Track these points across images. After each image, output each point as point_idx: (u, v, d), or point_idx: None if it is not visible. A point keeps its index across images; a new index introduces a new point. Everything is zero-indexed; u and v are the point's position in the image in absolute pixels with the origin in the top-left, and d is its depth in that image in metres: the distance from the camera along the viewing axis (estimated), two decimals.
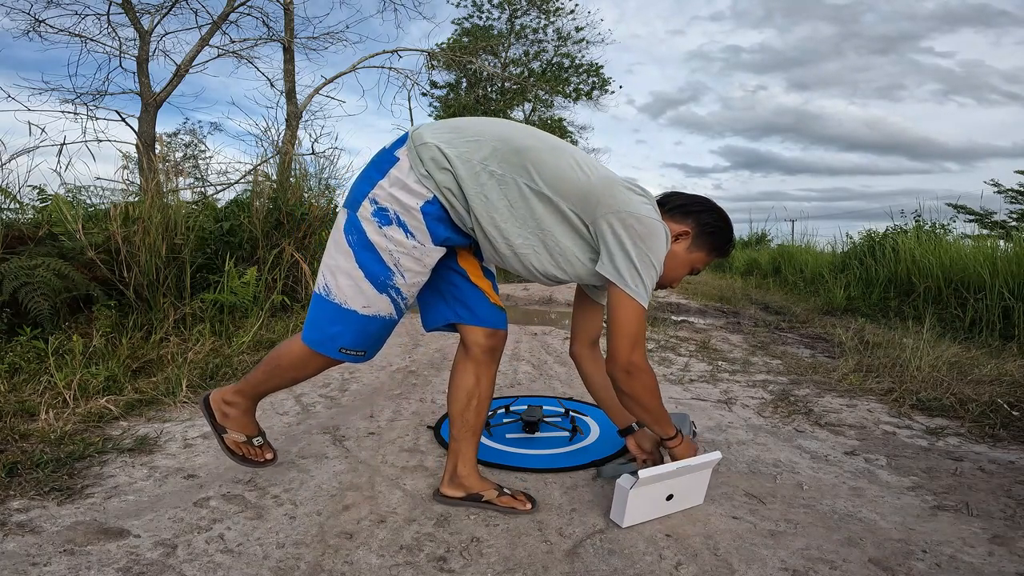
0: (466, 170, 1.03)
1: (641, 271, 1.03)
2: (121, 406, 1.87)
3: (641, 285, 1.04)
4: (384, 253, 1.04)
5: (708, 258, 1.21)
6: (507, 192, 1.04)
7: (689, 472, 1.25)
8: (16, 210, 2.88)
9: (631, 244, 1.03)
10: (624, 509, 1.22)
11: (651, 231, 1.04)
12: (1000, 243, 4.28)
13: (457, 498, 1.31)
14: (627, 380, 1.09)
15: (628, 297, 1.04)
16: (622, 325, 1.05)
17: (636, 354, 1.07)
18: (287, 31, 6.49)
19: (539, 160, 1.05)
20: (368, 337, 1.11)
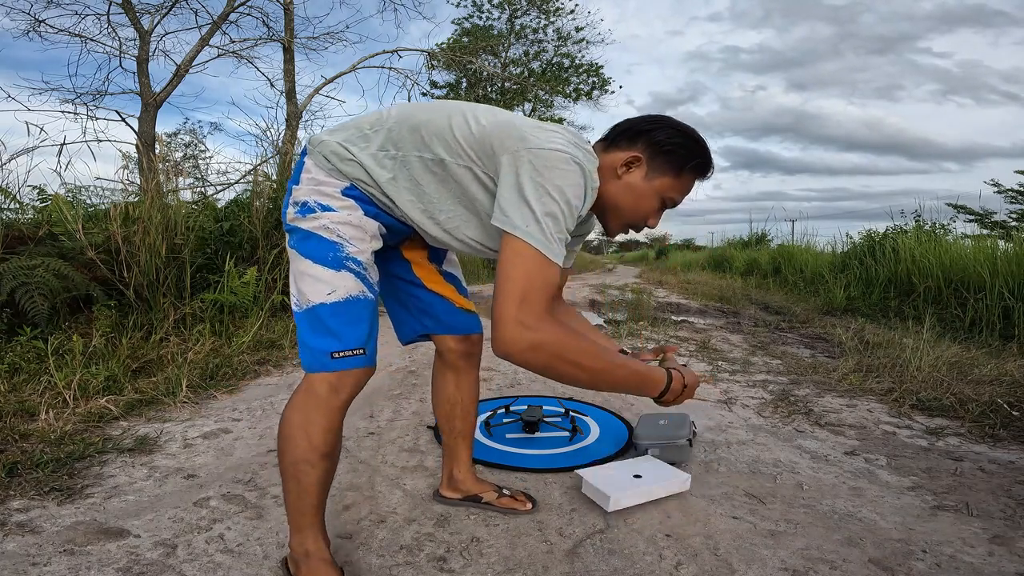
0: (371, 160, 0.96)
1: (536, 207, 0.80)
2: (121, 406, 1.87)
3: (534, 224, 0.80)
4: (323, 231, 0.94)
5: (678, 183, 0.96)
6: (412, 171, 0.95)
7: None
8: (16, 210, 2.88)
9: (526, 179, 0.82)
10: (596, 490, 1.32)
11: (554, 162, 0.83)
12: (1000, 243, 4.28)
13: (455, 499, 1.31)
14: (533, 354, 0.78)
15: (516, 240, 0.80)
16: (506, 279, 0.79)
17: (524, 312, 0.77)
18: (287, 31, 6.49)
19: (433, 128, 0.93)
20: (350, 326, 0.93)
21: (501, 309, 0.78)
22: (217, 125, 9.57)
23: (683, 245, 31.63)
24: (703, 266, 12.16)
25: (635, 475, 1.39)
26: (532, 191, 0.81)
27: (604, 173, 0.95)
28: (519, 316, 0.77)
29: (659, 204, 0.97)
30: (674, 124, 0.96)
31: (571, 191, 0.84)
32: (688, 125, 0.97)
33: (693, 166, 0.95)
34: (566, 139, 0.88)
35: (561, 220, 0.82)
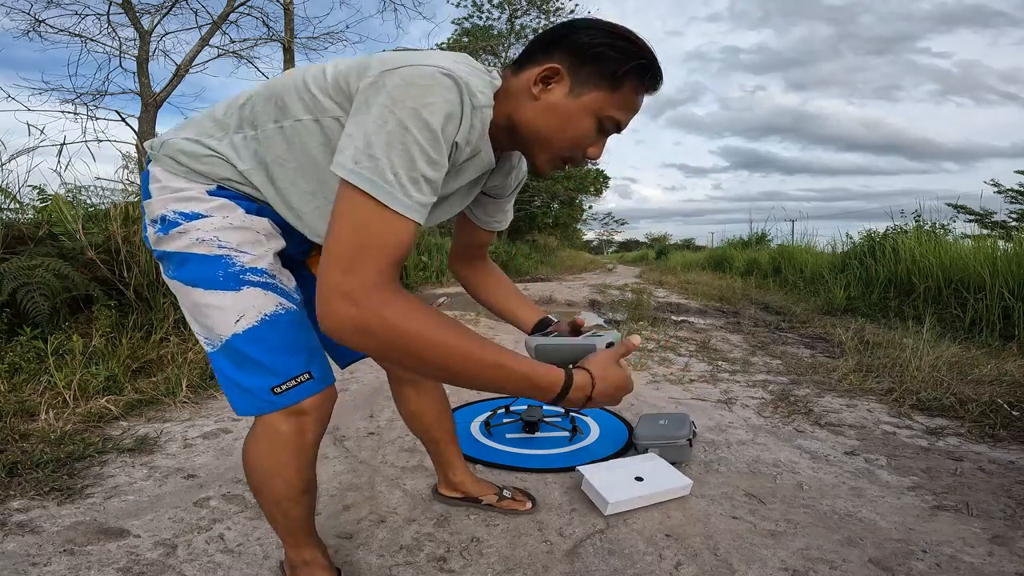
0: (231, 150, 0.78)
1: (375, 141, 0.59)
2: (121, 406, 1.87)
3: (367, 161, 0.59)
4: (199, 247, 0.75)
5: (616, 96, 0.73)
6: (274, 149, 0.76)
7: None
8: (16, 210, 2.88)
9: (373, 107, 0.62)
10: (596, 492, 1.31)
11: (411, 79, 0.62)
12: (1000, 243, 4.28)
13: (455, 498, 1.30)
14: (359, 338, 0.58)
15: (346, 186, 0.60)
16: (331, 238, 0.59)
17: (351, 281, 0.57)
18: (287, 31, 6.49)
19: (289, 89, 0.76)
20: (280, 352, 0.76)
21: (321, 276, 0.58)
22: None
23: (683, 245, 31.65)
24: (703, 266, 12.16)
25: (636, 476, 1.39)
26: (375, 120, 0.60)
27: (517, 98, 0.74)
28: (343, 286, 0.57)
29: (595, 125, 0.74)
30: (600, 24, 0.74)
31: (433, 113, 0.61)
32: (619, 25, 0.74)
33: (631, 71, 0.71)
34: (447, 57, 0.69)
35: (417, 155, 0.60)
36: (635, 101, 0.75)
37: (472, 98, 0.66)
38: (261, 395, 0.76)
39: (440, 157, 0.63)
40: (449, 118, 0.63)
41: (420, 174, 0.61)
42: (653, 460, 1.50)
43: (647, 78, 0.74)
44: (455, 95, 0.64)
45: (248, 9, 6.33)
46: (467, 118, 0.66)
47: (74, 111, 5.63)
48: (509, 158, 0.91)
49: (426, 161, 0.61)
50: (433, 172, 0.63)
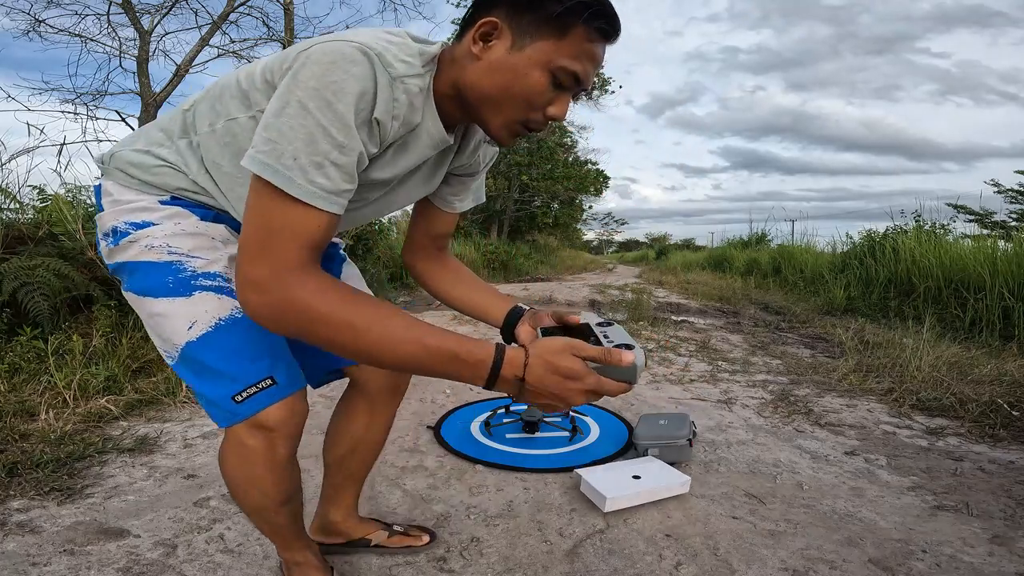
0: (178, 156, 0.75)
1: (277, 126, 0.57)
2: (121, 406, 1.87)
3: (267, 147, 0.57)
4: (149, 254, 0.73)
5: (566, 44, 0.64)
6: (210, 151, 0.73)
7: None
8: (16, 210, 2.88)
9: (279, 94, 0.59)
10: (594, 490, 1.31)
11: (316, 58, 0.58)
12: (1000, 243, 4.28)
13: (332, 544, 1.09)
14: (275, 324, 0.58)
15: (254, 178, 0.58)
16: (243, 227, 0.59)
17: (259, 268, 0.57)
18: (287, 31, 6.49)
19: (226, 87, 0.73)
20: (237, 357, 0.71)
21: (236, 266, 0.58)
22: None
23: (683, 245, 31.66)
24: (703, 266, 12.16)
25: (634, 476, 1.39)
26: (278, 105, 0.58)
27: (461, 63, 0.68)
28: (250, 275, 0.57)
29: (547, 79, 0.65)
30: None
31: (337, 91, 0.57)
32: None
33: (575, 12, 0.62)
34: (369, 32, 0.64)
35: (320, 137, 0.56)
36: (589, 48, 0.65)
37: (388, 68, 0.61)
38: (223, 404, 0.71)
39: (348, 139, 0.58)
40: (360, 95, 0.58)
41: (325, 159, 0.57)
42: (651, 461, 1.50)
43: (596, 19, 0.64)
44: (363, 68, 0.58)
45: (248, 9, 6.33)
46: (384, 91, 0.61)
47: (74, 111, 5.62)
48: (473, 134, 0.83)
49: (331, 144, 0.57)
50: (341, 156, 0.58)
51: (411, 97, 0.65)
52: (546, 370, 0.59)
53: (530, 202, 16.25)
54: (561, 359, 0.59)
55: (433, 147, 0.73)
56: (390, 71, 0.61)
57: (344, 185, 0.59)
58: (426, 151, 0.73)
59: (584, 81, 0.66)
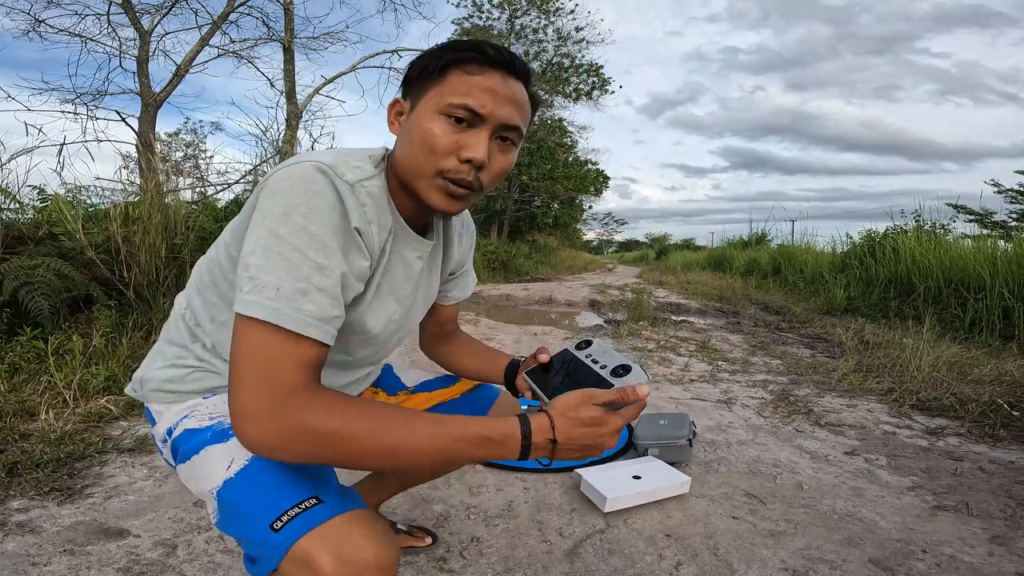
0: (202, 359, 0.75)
1: (254, 261, 0.56)
2: (121, 406, 1.87)
3: (248, 283, 0.55)
4: (191, 423, 0.71)
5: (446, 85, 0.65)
6: (221, 339, 0.72)
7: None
8: (16, 210, 2.88)
9: (251, 229, 0.59)
10: (594, 490, 1.31)
11: (276, 186, 0.58)
12: (1000, 243, 4.28)
13: None
14: (284, 453, 0.55)
15: (239, 318, 0.56)
16: (233, 365, 0.56)
17: (257, 401, 0.54)
18: (287, 31, 6.49)
19: (212, 260, 0.73)
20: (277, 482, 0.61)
21: (230, 401, 0.55)
22: (217, 125, 9.58)
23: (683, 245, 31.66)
24: (703, 266, 12.17)
25: (634, 476, 1.39)
26: (251, 241, 0.57)
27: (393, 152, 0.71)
28: (247, 408, 0.54)
29: (440, 121, 0.64)
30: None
31: (307, 212, 0.57)
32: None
33: (448, 60, 0.65)
34: (321, 152, 0.65)
35: (299, 262, 0.56)
36: (474, 80, 0.64)
37: (343, 177, 0.61)
38: (265, 538, 0.57)
39: (328, 258, 0.58)
40: (330, 210, 0.59)
41: (308, 283, 0.56)
42: (651, 461, 1.51)
43: (468, 52, 0.65)
44: (322, 183, 0.59)
45: (248, 9, 6.33)
46: (348, 199, 0.61)
47: (74, 111, 5.63)
48: (448, 228, 0.83)
49: (311, 267, 0.56)
50: (324, 279, 0.57)
51: (374, 200, 0.65)
52: (573, 425, 0.60)
53: (530, 202, 16.25)
54: (582, 411, 0.61)
55: (417, 251, 0.74)
56: (345, 178, 0.62)
57: (332, 311, 0.58)
58: (411, 261, 0.74)
59: (484, 109, 0.64)
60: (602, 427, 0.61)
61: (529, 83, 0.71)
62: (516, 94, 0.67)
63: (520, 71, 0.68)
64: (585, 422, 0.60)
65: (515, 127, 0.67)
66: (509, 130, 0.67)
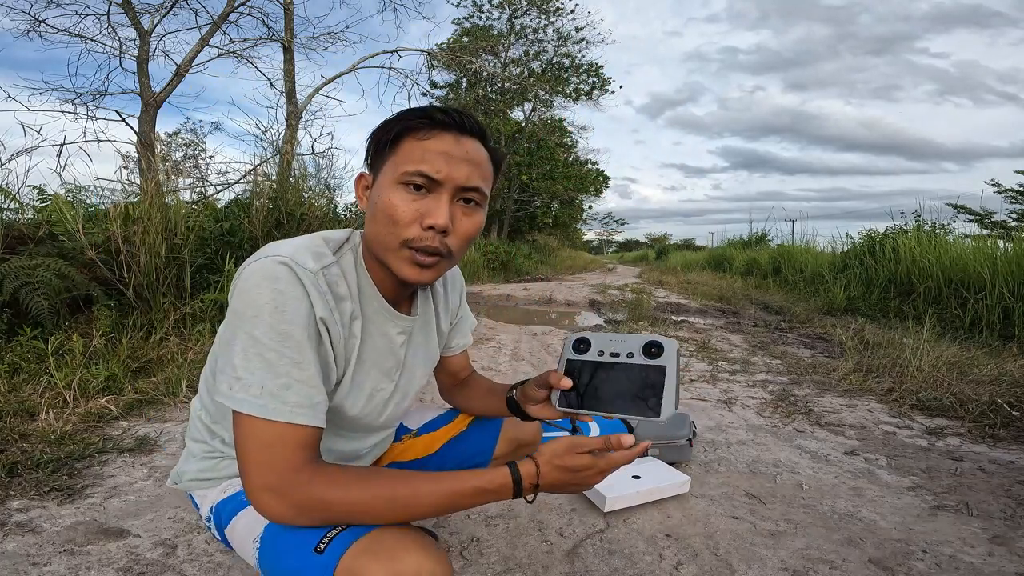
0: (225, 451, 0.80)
1: (235, 362, 0.60)
2: (121, 406, 1.87)
3: (234, 382, 0.59)
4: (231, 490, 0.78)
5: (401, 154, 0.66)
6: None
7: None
8: (16, 210, 2.88)
9: (227, 330, 0.63)
10: (593, 489, 1.29)
11: (243, 286, 0.61)
12: (1000, 243, 4.28)
13: None
14: (301, 522, 0.60)
15: (235, 413, 0.61)
16: (239, 457, 0.60)
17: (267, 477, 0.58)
18: (287, 31, 6.49)
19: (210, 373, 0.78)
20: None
21: (242, 479, 0.60)
22: (217, 125, 9.59)
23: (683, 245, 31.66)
24: (703, 266, 12.17)
25: (634, 476, 1.39)
26: (229, 341, 0.61)
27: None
28: (260, 482, 0.58)
29: (399, 191, 0.65)
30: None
31: (275, 311, 0.59)
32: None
33: (400, 129, 0.67)
34: (282, 243, 0.66)
35: (276, 361, 0.59)
36: (427, 145, 0.65)
37: (304, 266, 0.63)
38: (307, 564, 0.59)
39: (300, 354, 0.61)
40: (296, 305, 0.61)
41: (289, 378, 0.60)
42: (651, 461, 1.50)
43: (416, 119, 0.66)
44: (286, 279, 0.61)
45: (248, 9, 6.33)
46: (311, 289, 0.62)
47: (74, 111, 5.62)
48: (432, 288, 0.84)
49: (289, 364, 0.60)
50: (302, 372, 0.60)
51: (335, 283, 0.67)
52: (558, 472, 0.64)
53: (530, 202, 16.25)
54: (567, 460, 0.64)
55: (395, 326, 0.75)
56: (307, 267, 0.63)
57: (316, 398, 0.61)
58: (390, 336, 0.75)
59: (439, 173, 0.64)
60: (587, 471, 0.64)
61: (486, 140, 0.70)
62: (471, 153, 0.67)
63: (473, 130, 0.68)
64: (570, 469, 0.63)
65: (474, 188, 0.67)
66: (469, 191, 0.67)
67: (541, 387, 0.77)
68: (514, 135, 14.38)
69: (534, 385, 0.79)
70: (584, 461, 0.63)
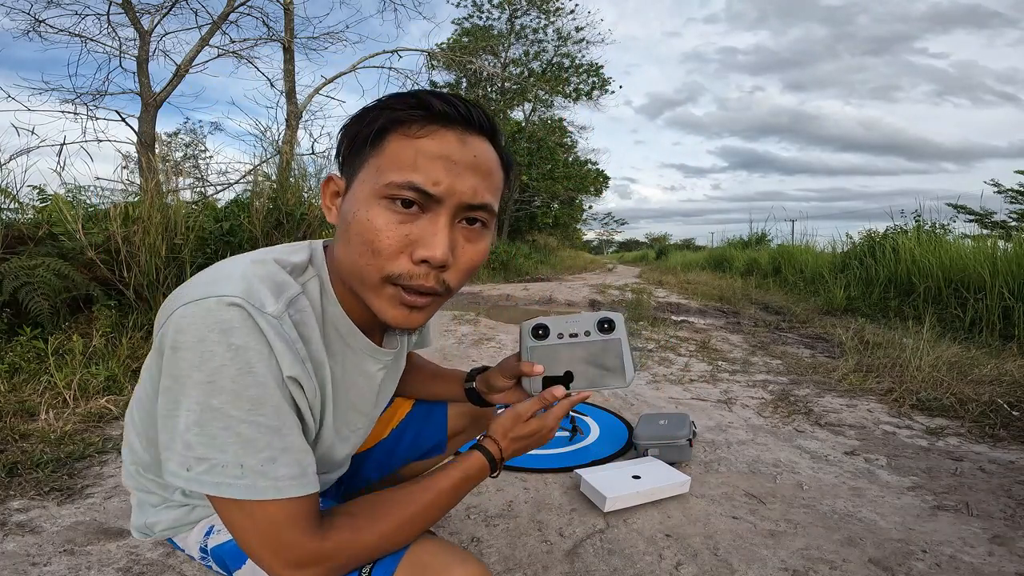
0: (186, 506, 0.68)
1: (195, 441, 0.47)
2: (121, 406, 1.87)
3: (201, 467, 0.47)
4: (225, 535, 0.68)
5: (381, 158, 0.51)
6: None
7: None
8: (16, 210, 2.88)
9: (168, 398, 0.48)
10: (594, 490, 1.32)
11: (189, 347, 0.47)
12: (1000, 243, 4.28)
13: None
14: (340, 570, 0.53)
15: (211, 497, 0.50)
16: (238, 541, 0.52)
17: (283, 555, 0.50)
18: (287, 31, 6.49)
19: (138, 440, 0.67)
20: None
21: (258, 564, 0.52)
22: (217, 125, 9.60)
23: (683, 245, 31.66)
24: (703, 266, 12.17)
25: (634, 476, 1.39)
26: (175, 414, 0.47)
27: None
28: (284, 562, 0.50)
29: (380, 208, 0.50)
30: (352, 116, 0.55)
31: (238, 375, 0.47)
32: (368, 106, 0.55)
33: (385, 122, 0.51)
34: (226, 271, 0.52)
35: (252, 434, 0.47)
36: (415, 145, 0.50)
37: (263, 309, 0.49)
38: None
39: (280, 418, 0.49)
40: (263, 361, 0.48)
41: (271, 450, 0.48)
42: (651, 461, 1.51)
43: (407, 109, 0.50)
44: (241, 333, 0.47)
45: (248, 9, 6.34)
46: (276, 341, 0.49)
47: (74, 111, 5.63)
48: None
49: (268, 432, 0.48)
50: (283, 440, 0.49)
51: (302, 323, 0.53)
52: (515, 443, 0.67)
53: (530, 202, 16.25)
54: (518, 430, 0.67)
55: (375, 362, 0.65)
56: (267, 311, 0.49)
57: (305, 460, 0.51)
58: (368, 372, 0.65)
59: (437, 187, 0.49)
60: (539, 433, 0.67)
61: (497, 139, 0.54)
62: (479, 158, 0.51)
63: (482, 125, 0.52)
64: (523, 437, 0.67)
65: (482, 205, 0.52)
66: (476, 210, 0.52)
67: (508, 376, 0.73)
68: (514, 135, 14.38)
69: (498, 374, 0.75)
70: (533, 426, 0.66)
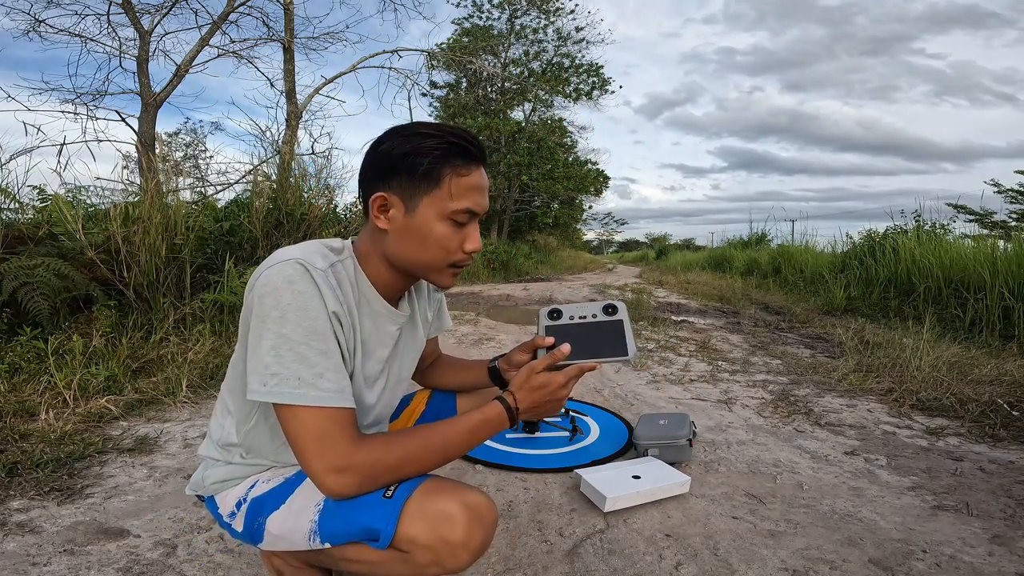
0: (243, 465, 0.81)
1: (265, 357, 0.66)
2: (121, 406, 1.87)
3: (273, 380, 0.65)
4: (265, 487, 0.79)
5: (441, 192, 0.72)
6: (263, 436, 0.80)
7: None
8: (16, 210, 2.88)
9: (254, 328, 0.68)
10: (594, 490, 1.32)
11: (262, 289, 0.67)
12: (1000, 243, 4.28)
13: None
14: (361, 489, 0.67)
15: (276, 406, 0.67)
16: (292, 445, 0.67)
17: (327, 459, 0.65)
18: (287, 31, 6.49)
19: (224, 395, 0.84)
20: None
21: (305, 467, 0.66)
22: (217, 125, 9.60)
23: (683, 245, 31.64)
24: (703, 266, 12.16)
25: (634, 476, 1.39)
26: (258, 339, 0.67)
27: (377, 237, 0.76)
28: (321, 465, 0.65)
29: (447, 225, 0.73)
30: (391, 134, 0.74)
31: (299, 308, 0.66)
32: (417, 121, 0.75)
33: (439, 159, 0.71)
34: (292, 248, 0.73)
35: (307, 352, 0.66)
36: (465, 182, 0.73)
37: (315, 265, 0.70)
38: (376, 509, 0.66)
39: (327, 344, 0.68)
40: (316, 300, 0.68)
41: (321, 367, 0.67)
42: (651, 461, 1.51)
43: (455, 157, 0.72)
44: (303, 279, 0.68)
45: (248, 9, 6.33)
46: (324, 286, 0.69)
47: (74, 111, 5.63)
48: (415, 289, 0.90)
49: (318, 355, 0.67)
50: (329, 361, 0.68)
51: (341, 281, 0.74)
52: (529, 393, 0.77)
53: (530, 202, 16.25)
54: (532, 381, 0.77)
55: (392, 322, 0.82)
56: (317, 267, 0.70)
57: (344, 382, 0.69)
58: (388, 331, 0.82)
59: (479, 208, 0.75)
60: (550, 385, 0.77)
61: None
62: (487, 181, 0.78)
63: (486, 158, 0.77)
64: (536, 387, 0.77)
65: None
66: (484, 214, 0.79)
67: (526, 351, 0.88)
68: (514, 135, 14.37)
69: (518, 351, 0.91)
70: (543, 378, 0.76)
